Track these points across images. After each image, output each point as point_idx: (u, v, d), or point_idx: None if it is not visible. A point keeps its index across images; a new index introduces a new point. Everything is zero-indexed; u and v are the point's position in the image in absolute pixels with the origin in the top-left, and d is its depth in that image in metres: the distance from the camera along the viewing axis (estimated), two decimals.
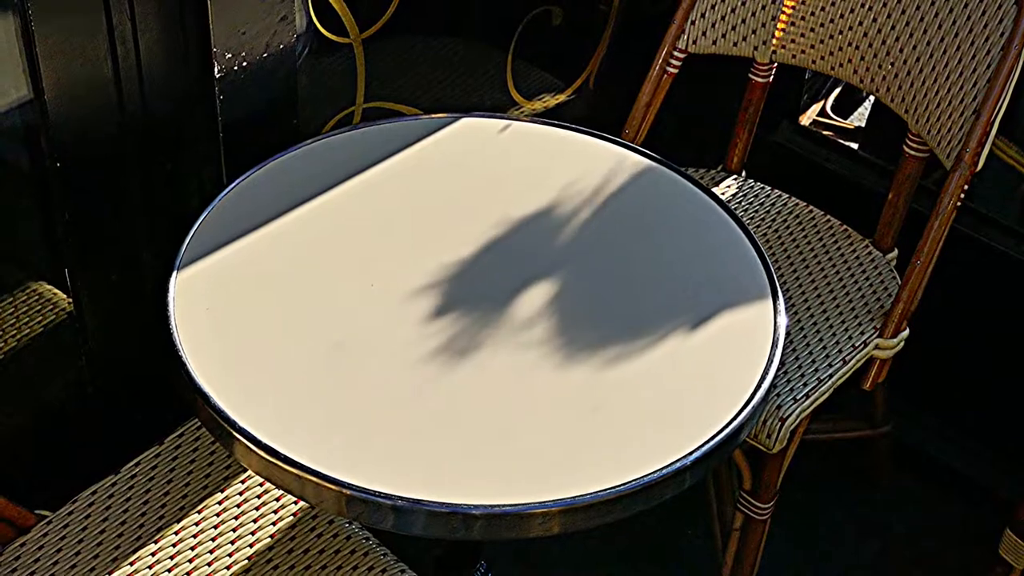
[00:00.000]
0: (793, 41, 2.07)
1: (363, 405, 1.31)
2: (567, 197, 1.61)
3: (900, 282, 1.95)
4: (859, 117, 3.05)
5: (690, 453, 1.27)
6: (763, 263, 1.52)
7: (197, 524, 1.55)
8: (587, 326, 1.42)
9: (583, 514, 1.23)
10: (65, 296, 1.72)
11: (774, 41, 2.07)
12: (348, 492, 1.22)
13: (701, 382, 1.37)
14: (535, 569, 2.16)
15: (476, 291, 1.45)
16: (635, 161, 1.68)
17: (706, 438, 1.28)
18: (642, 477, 1.24)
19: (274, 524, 1.56)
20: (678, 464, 1.26)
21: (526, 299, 1.45)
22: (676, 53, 2.04)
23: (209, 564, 1.51)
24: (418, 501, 1.21)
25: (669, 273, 1.51)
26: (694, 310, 1.45)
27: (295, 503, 1.57)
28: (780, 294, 1.47)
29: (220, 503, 1.57)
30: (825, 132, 2.80)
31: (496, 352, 1.37)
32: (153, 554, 1.52)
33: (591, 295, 1.47)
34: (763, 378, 1.36)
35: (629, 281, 1.50)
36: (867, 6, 2.00)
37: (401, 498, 1.21)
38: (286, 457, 1.25)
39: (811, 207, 2.15)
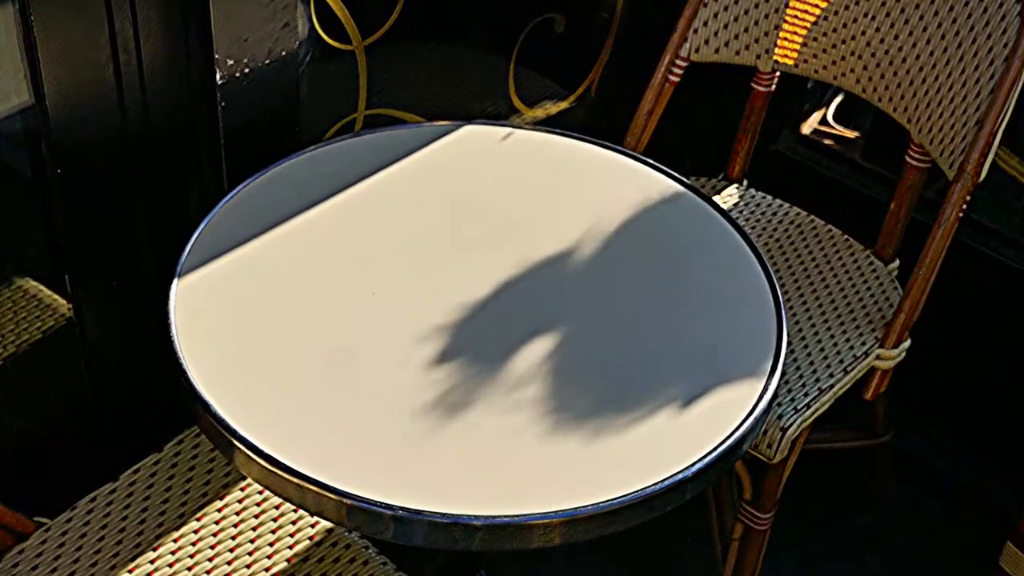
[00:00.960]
0: (796, 50, 2.07)
1: (364, 414, 1.31)
2: (567, 205, 1.60)
3: (901, 292, 1.95)
4: (861, 126, 3.04)
5: (691, 465, 1.26)
6: (765, 273, 1.51)
7: (196, 532, 1.54)
8: (589, 335, 1.42)
9: (584, 525, 1.22)
10: (65, 302, 1.71)
11: (777, 50, 2.07)
12: (348, 502, 1.22)
13: (702, 393, 1.36)
14: None
15: (479, 298, 1.45)
16: (636, 169, 1.67)
17: (707, 450, 1.28)
18: (643, 489, 1.24)
19: (273, 532, 1.55)
20: (679, 476, 1.25)
21: (530, 304, 1.44)
22: (678, 61, 2.04)
23: (208, 572, 1.50)
24: (419, 511, 1.21)
25: (669, 281, 1.51)
26: (695, 319, 1.45)
27: (295, 512, 1.57)
28: (783, 305, 1.46)
29: (219, 511, 1.57)
30: (826, 141, 2.79)
31: (500, 360, 1.37)
32: (152, 562, 1.51)
33: (592, 303, 1.46)
34: (765, 390, 1.35)
35: (629, 289, 1.49)
36: (870, 16, 1.99)
37: (402, 508, 1.21)
38: (286, 466, 1.24)
39: (812, 216, 2.15)
